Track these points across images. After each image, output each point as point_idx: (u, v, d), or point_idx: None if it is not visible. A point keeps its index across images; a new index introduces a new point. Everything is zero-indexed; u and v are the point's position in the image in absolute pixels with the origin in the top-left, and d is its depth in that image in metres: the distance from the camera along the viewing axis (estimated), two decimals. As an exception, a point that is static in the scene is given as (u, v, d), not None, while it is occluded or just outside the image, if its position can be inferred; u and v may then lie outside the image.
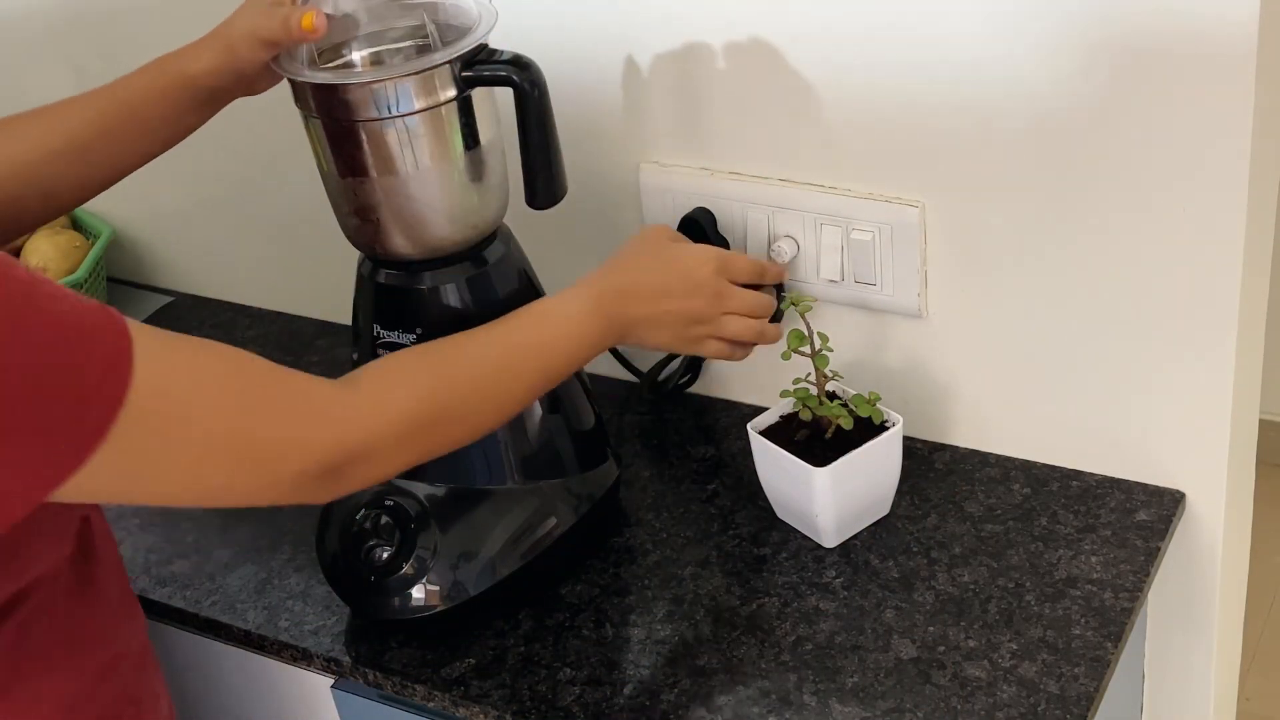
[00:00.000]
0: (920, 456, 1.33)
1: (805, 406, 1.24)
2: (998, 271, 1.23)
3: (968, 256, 1.24)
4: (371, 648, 1.21)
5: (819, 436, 1.23)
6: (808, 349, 1.23)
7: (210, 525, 1.37)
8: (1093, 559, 1.20)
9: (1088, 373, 1.24)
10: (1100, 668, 1.10)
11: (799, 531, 1.26)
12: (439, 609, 1.17)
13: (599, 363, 1.45)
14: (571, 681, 1.15)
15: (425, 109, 1.09)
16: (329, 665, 1.22)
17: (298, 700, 1.32)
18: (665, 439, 1.41)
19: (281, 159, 1.51)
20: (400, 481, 1.18)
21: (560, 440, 1.22)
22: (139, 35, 1.36)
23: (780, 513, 1.28)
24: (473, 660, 1.18)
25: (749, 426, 1.26)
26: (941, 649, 1.13)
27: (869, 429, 1.23)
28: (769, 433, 1.25)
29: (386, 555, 1.17)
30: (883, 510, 1.27)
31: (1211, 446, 1.22)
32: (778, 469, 1.24)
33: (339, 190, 1.14)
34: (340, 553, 1.19)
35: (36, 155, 1.16)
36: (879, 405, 1.23)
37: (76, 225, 1.76)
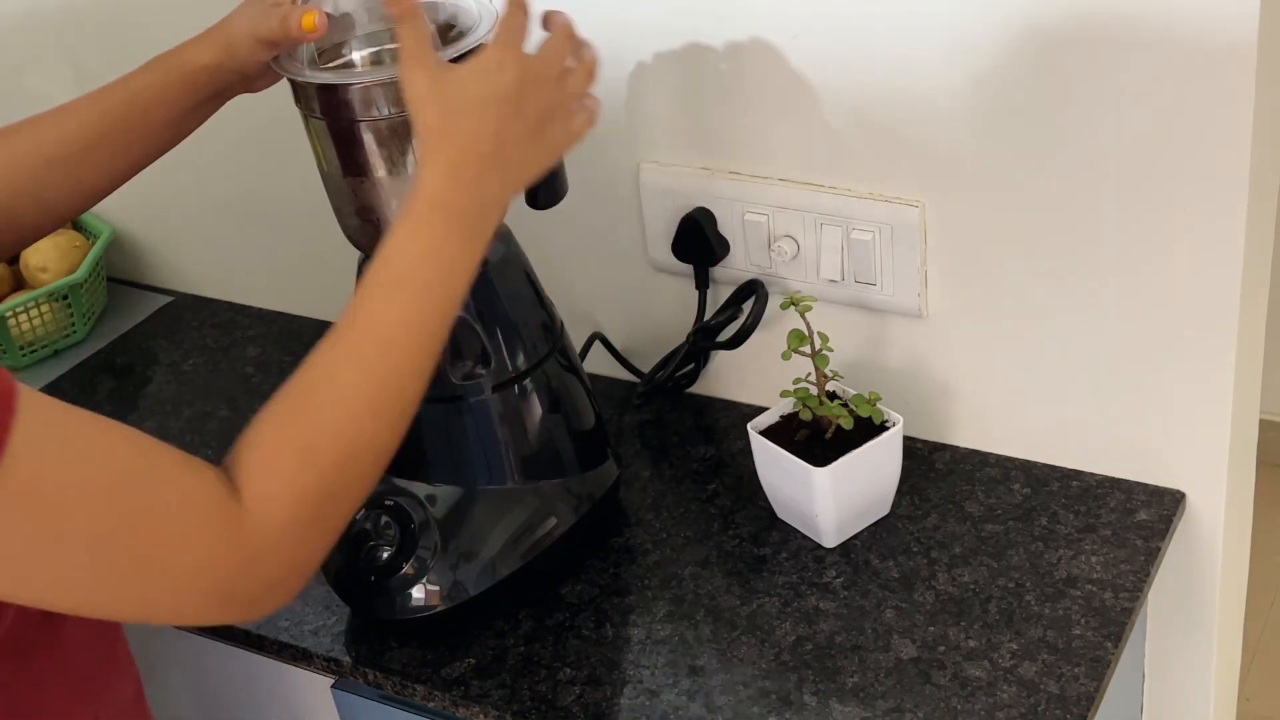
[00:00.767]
0: (920, 456, 1.33)
1: (805, 406, 1.24)
2: (998, 271, 1.23)
3: (968, 256, 1.24)
4: (371, 648, 1.21)
5: (819, 436, 1.23)
6: (808, 349, 1.23)
7: (210, 525, 1.37)
8: (1093, 559, 1.20)
9: (1088, 372, 1.24)
10: (1100, 668, 1.10)
11: (799, 531, 1.26)
12: (439, 609, 1.17)
13: (599, 363, 1.46)
14: (571, 681, 1.15)
15: (425, 109, 1.09)
16: (329, 665, 1.22)
17: (298, 700, 1.32)
18: (665, 439, 1.41)
19: (281, 159, 1.51)
20: (400, 481, 1.19)
21: (560, 440, 1.22)
22: (139, 35, 1.36)
23: (780, 513, 1.28)
24: (473, 660, 1.18)
25: (749, 426, 1.26)
26: (942, 649, 1.13)
27: (869, 429, 1.23)
28: (769, 433, 1.25)
29: (386, 555, 1.17)
30: (883, 510, 1.27)
31: (1211, 446, 1.22)
32: (778, 469, 1.24)
33: (339, 190, 1.14)
34: (340, 553, 1.19)
35: (34, 161, 1.14)
36: (879, 405, 1.23)
37: (76, 225, 1.76)
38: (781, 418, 1.27)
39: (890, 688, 1.11)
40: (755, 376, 1.40)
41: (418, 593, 1.17)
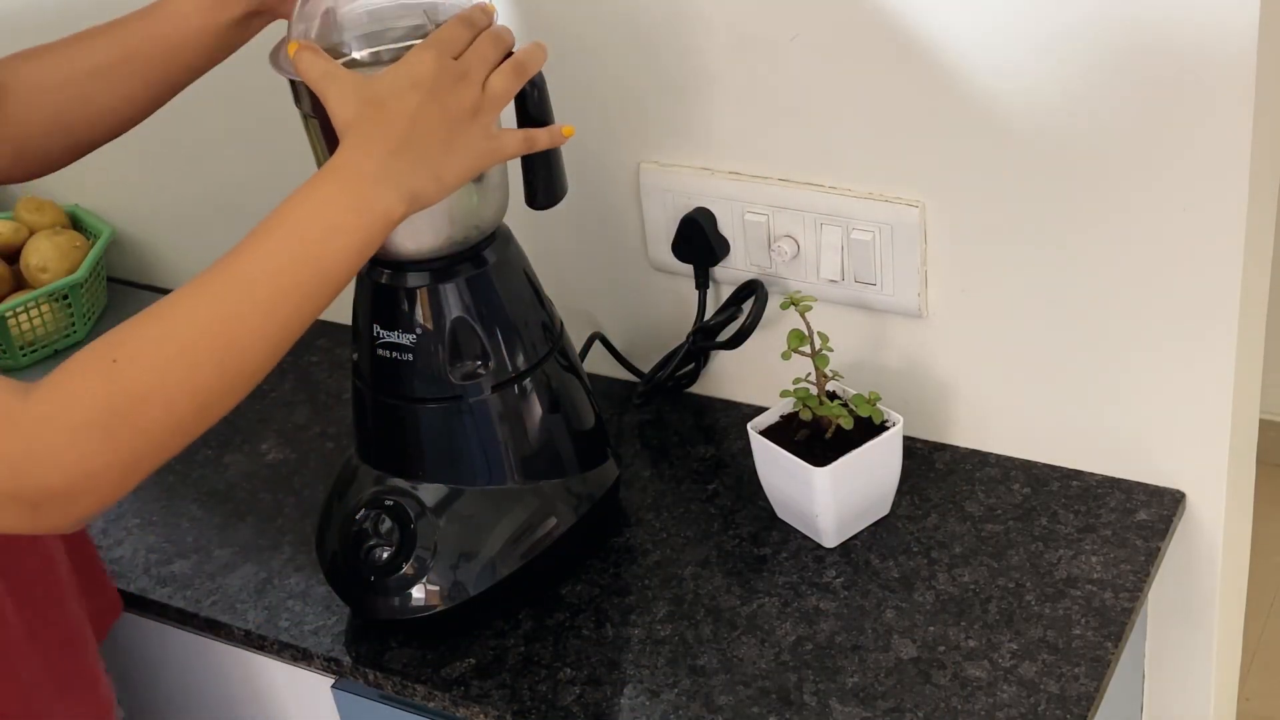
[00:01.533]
0: (920, 456, 1.33)
1: (805, 406, 1.24)
2: (998, 271, 1.23)
3: (968, 256, 1.24)
4: (371, 648, 1.21)
5: (819, 436, 1.23)
6: (808, 349, 1.23)
7: (210, 525, 1.37)
8: (1093, 559, 1.20)
9: (1088, 372, 1.24)
10: (1100, 668, 1.10)
11: (799, 531, 1.26)
12: (439, 609, 1.17)
13: (599, 363, 1.46)
14: (571, 681, 1.15)
15: (425, 109, 1.09)
16: (329, 665, 1.22)
17: (298, 700, 1.32)
18: (665, 439, 1.41)
19: (281, 159, 1.51)
20: (400, 481, 1.19)
21: (560, 440, 1.22)
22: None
23: (780, 513, 1.28)
24: (473, 660, 1.18)
25: (749, 426, 1.26)
26: (942, 649, 1.13)
27: (869, 429, 1.23)
28: (769, 433, 1.25)
29: (386, 555, 1.17)
30: (883, 510, 1.27)
31: (1211, 446, 1.22)
32: (778, 469, 1.24)
33: (339, 190, 1.14)
34: (340, 553, 1.20)
35: (78, 72, 1.14)
36: (879, 405, 1.23)
37: (76, 225, 1.76)
38: (781, 418, 1.27)
39: (890, 688, 1.11)
40: (755, 376, 1.40)
41: (418, 593, 1.17)
